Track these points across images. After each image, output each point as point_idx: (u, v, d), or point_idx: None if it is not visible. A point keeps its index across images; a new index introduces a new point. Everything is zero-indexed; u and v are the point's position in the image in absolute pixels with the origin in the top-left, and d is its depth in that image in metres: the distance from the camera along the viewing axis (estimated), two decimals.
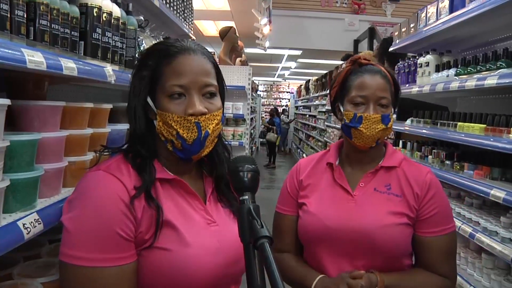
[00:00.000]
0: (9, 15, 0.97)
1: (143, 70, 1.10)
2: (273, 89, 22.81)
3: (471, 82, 2.49)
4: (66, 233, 0.96)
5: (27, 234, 0.95)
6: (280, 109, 17.29)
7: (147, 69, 1.09)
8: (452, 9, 2.95)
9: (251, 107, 8.02)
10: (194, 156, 1.10)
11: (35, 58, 0.98)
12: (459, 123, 2.70)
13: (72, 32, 1.30)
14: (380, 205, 1.39)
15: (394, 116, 1.49)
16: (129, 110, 1.11)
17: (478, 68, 2.60)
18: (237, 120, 5.47)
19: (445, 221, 1.41)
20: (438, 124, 3.01)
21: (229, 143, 1.29)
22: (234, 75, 5.29)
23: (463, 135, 2.58)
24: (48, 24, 1.14)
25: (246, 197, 0.92)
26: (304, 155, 12.11)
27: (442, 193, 1.45)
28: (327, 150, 1.58)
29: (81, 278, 0.94)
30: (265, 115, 17.97)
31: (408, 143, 3.59)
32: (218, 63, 1.20)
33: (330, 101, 1.56)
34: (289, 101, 21.28)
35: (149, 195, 1.04)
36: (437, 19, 3.17)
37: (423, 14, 3.43)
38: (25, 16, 1.04)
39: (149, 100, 1.09)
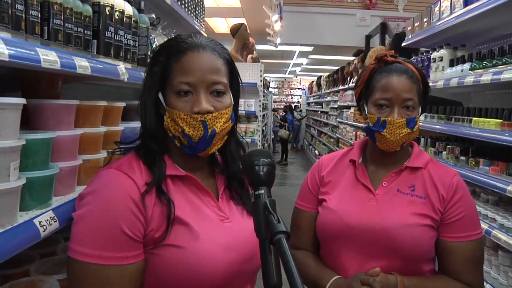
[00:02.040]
0: (24, 15, 0.98)
1: (154, 66, 1.10)
2: (285, 86, 22.77)
3: (486, 77, 2.44)
4: (74, 229, 0.98)
5: (43, 231, 0.96)
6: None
7: (158, 65, 1.10)
8: (466, 2, 2.90)
9: (262, 104, 8.02)
10: (200, 154, 1.09)
11: (49, 57, 0.99)
12: (474, 118, 2.66)
13: (85, 31, 1.31)
14: (402, 206, 1.35)
15: (422, 117, 1.44)
16: (140, 104, 1.12)
17: (494, 62, 2.55)
18: (249, 117, 5.46)
19: (472, 226, 1.35)
20: (453, 119, 2.97)
21: (242, 140, 1.28)
22: (245, 72, 5.29)
23: (478, 131, 2.54)
24: (62, 23, 1.15)
25: (262, 191, 0.90)
26: (316, 151, 12.08)
27: (469, 197, 1.39)
28: (351, 147, 1.55)
29: (84, 274, 0.95)
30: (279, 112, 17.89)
31: (422, 139, 3.55)
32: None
33: (356, 99, 1.52)
34: (300, 98, 21.22)
35: (160, 189, 1.04)
36: (451, 13, 3.12)
37: (437, 8, 3.38)
38: (39, 15, 1.05)
39: (160, 96, 1.10)
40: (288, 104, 17.15)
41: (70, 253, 0.96)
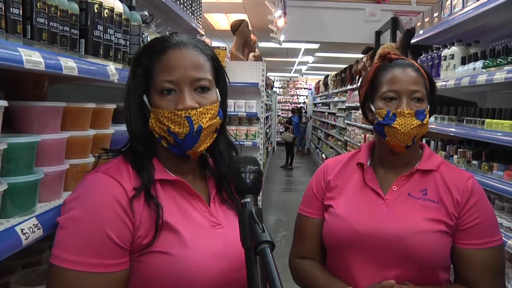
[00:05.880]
0: (4, 13, 1.00)
1: (137, 68, 1.14)
2: (290, 85, 22.75)
3: (500, 75, 2.44)
4: (58, 235, 1.00)
5: (25, 239, 0.98)
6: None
7: (141, 67, 1.13)
8: None
9: (266, 105, 8.02)
10: (189, 152, 1.11)
11: (32, 57, 1.00)
12: (487, 120, 2.65)
13: (72, 30, 1.32)
14: (415, 211, 1.35)
15: (432, 119, 1.46)
16: (125, 109, 1.14)
17: (509, 59, 2.54)
18: (251, 119, 5.48)
19: (489, 232, 1.35)
20: (464, 121, 2.97)
21: (242, 143, 1.29)
22: (247, 71, 5.30)
23: (492, 133, 2.54)
24: (46, 22, 1.17)
25: (248, 199, 0.92)
26: (323, 155, 12.07)
27: (486, 201, 1.40)
28: (358, 150, 1.56)
29: (66, 282, 0.96)
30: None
31: (432, 142, 3.55)
32: (229, 58, 1.20)
33: (360, 101, 1.54)
34: (306, 98, 21.20)
35: (149, 193, 1.06)
36: (463, 7, 3.12)
37: (448, 2, 3.38)
38: (21, 13, 1.06)
39: (145, 98, 1.13)
40: (295, 106, 17.17)
41: (52, 259, 0.98)
